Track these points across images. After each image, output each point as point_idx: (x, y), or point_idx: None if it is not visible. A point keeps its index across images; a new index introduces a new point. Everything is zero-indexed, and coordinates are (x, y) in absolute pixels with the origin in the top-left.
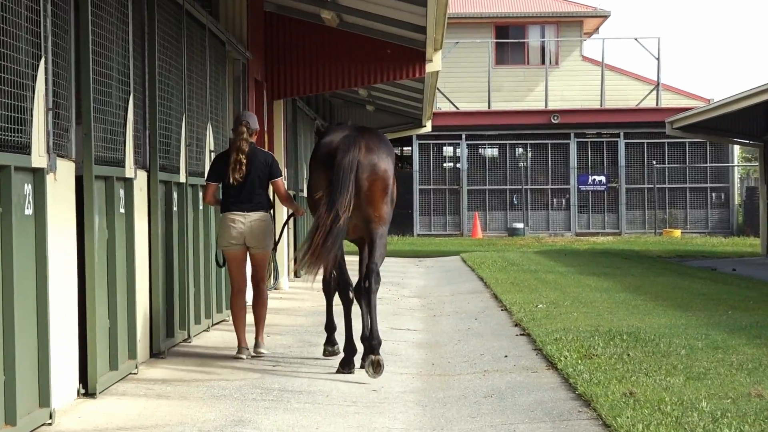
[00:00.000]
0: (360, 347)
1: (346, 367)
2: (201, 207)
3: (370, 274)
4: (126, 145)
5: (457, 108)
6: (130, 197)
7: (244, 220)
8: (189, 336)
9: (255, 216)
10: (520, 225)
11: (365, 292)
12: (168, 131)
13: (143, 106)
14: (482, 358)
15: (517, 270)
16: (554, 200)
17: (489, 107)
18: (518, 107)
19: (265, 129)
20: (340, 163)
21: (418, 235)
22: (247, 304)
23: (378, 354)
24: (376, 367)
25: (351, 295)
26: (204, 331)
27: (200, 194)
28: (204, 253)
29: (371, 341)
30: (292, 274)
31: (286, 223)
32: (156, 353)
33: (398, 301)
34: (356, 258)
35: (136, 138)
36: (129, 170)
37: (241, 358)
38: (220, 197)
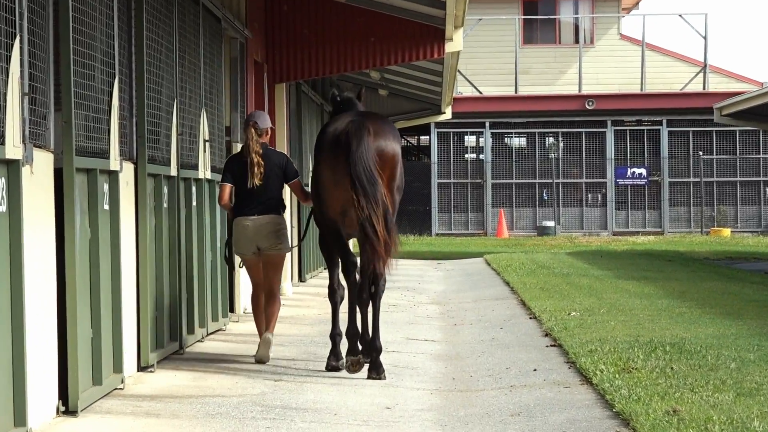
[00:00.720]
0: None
1: (333, 357)
2: (194, 203)
3: (377, 279)
4: (110, 133)
5: (481, 92)
6: (116, 192)
7: (257, 225)
8: (181, 347)
9: (269, 218)
10: (551, 223)
11: (372, 297)
12: (157, 118)
13: (130, 90)
14: (508, 372)
15: (548, 273)
16: (589, 195)
17: (516, 91)
18: (548, 91)
19: None
20: (355, 154)
21: (437, 234)
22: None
23: (362, 358)
24: (355, 366)
25: (357, 277)
26: (198, 341)
27: (193, 188)
28: (198, 255)
29: (373, 345)
30: (296, 278)
31: (309, 220)
32: (145, 366)
33: (414, 308)
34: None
35: (122, 126)
36: (114, 162)
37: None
38: (233, 201)
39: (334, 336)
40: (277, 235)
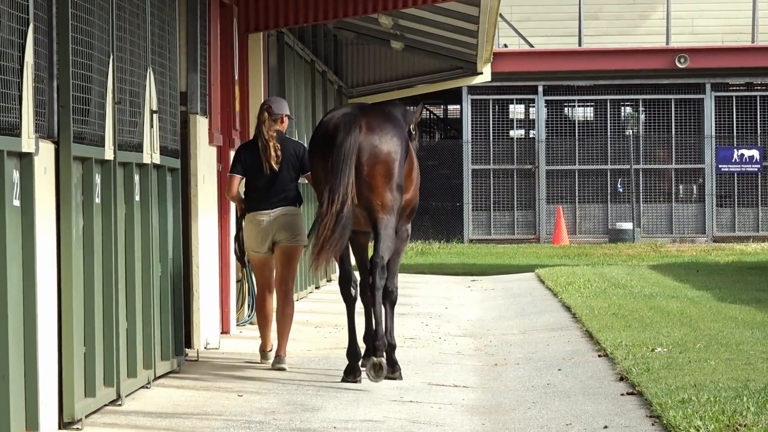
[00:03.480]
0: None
1: (350, 374)
2: (138, 197)
3: (373, 268)
4: (22, 102)
5: (531, 46)
6: (29, 182)
7: (272, 218)
8: (119, 396)
9: (284, 210)
10: (628, 225)
11: (369, 288)
12: (87, 81)
13: (49, 42)
14: (569, 429)
15: (623, 294)
16: (680, 187)
17: (579, 44)
18: (624, 45)
19: (236, 77)
20: (338, 148)
21: (471, 240)
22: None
23: (382, 356)
24: (378, 371)
25: (353, 291)
26: (143, 387)
27: (136, 177)
28: (143, 268)
29: (374, 341)
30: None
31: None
32: (69, 422)
33: (440, 342)
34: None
35: (39, 92)
36: (27, 142)
37: (266, 363)
38: (243, 196)
39: (351, 334)
40: (294, 226)
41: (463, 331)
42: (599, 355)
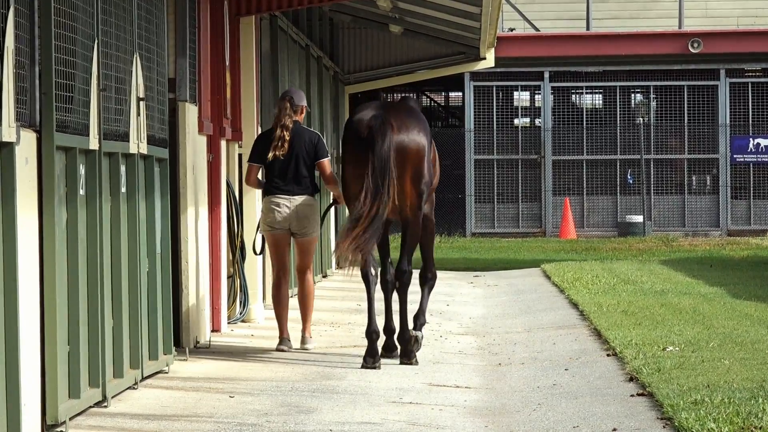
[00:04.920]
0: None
1: (369, 357)
2: (124, 189)
3: (400, 276)
4: (2, 90)
5: (537, 29)
6: (10, 174)
7: (289, 204)
8: (105, 397)
9: (300, 199)
10: (638, 218)
11: (384, 286)
12: (71, 67)
13: (30, 26)
14: None
15: (633, 291)
16: (693, 178)
17: (588, 28)
18: (634, 28)
19: (227, 63)
20: (377, 153)
21: (474, 234)
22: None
23: (419, 331)
24: (415, 344)
25: (373, 272)
26: (130, 388)
27: (122, 168)
28: (129, 264)
29: (417, 318)
30: (270, 298)
31: (327, 210)
32: (52, 425)
33: (440, 340)
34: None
35: (20, 79)
36: (7, 131)
37: (282, 350)
38: (263, 180)
39: (370, 334)
40: (310, 219)
41: (465, 329)
42: (608, 355)
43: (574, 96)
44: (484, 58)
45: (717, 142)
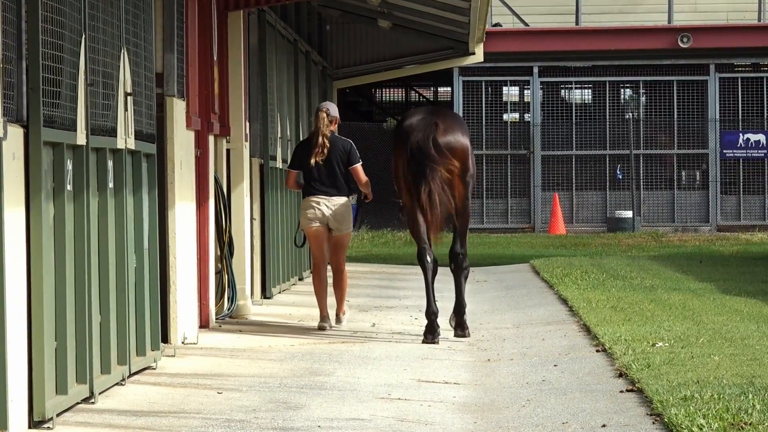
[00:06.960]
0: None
1: (429, 334)
2: (112, 185)
3: (455, 258)
4: None
5: (526, 24)
6: None
7: (328, 203)
8: (92, 393)
9: (337, 200)
10: (628, 213)
11: (453, 271)
12: (58, 62)
13: (17, 20)
14: (565, 428)
15: (623, 286)
16: (682, 173)
17: (577, 23)
18: (624, 23)
19: (214, 58)
20: (415, 147)
21: None
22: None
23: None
24: (465, 328)
25: (429, 258)
26: (117, 384)
27: (110, 163)
28: (117, 259)
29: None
30: (258, 294)
31: (359, 206)
32: (39, 421)
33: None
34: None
35: (6, 74)
36: None
37: (324, 328)
38: (302, 182)
39: (430, 314)
40: (345, 219)
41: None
42: (597, 350)
43: (563, 91)
44: (473, 53)
45: (706, 137)
